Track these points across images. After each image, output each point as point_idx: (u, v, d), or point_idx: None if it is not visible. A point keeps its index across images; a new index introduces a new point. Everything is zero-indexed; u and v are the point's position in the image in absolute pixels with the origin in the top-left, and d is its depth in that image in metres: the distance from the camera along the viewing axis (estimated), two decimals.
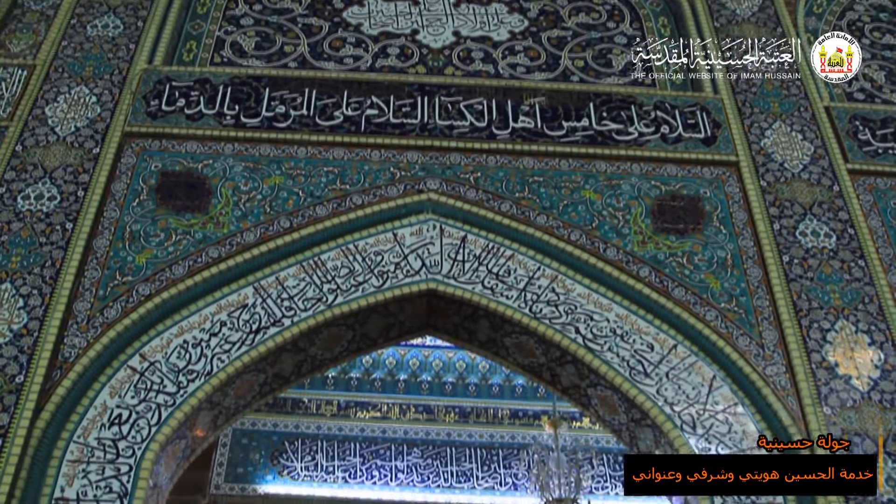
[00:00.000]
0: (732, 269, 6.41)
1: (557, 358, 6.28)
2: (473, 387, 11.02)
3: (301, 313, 6.11)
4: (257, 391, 6.33)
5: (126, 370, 5.77)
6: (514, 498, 10.10)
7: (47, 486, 5.31)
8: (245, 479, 10.00)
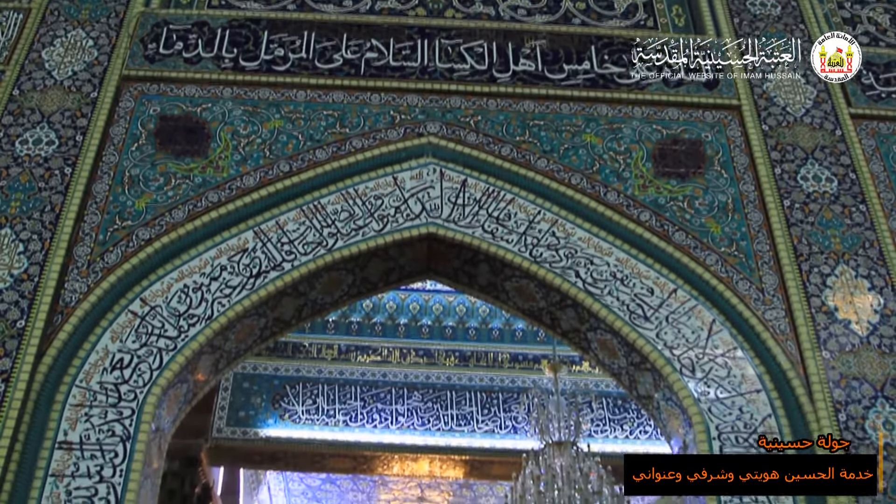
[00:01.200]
0: (733, 214, 6.40)
1: (557, 302, 6.29)
2: (473, 331, 11.05)
3: (301, 257, 6.11)
4: (258, 335, 6.35)
5: (127, 315, 5.78)
6: (514, 441, 10.18)
7: (50, 429, 5.35)
8: (247, 423, 10.06)
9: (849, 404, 5.62)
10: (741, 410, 5.65)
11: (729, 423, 5.60)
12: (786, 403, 5.68)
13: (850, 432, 5.51)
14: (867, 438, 5.50)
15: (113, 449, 5.32)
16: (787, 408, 5.67)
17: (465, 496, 15.45)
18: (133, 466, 5.28)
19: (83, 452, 5.29)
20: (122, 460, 5.28)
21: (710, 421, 5.61)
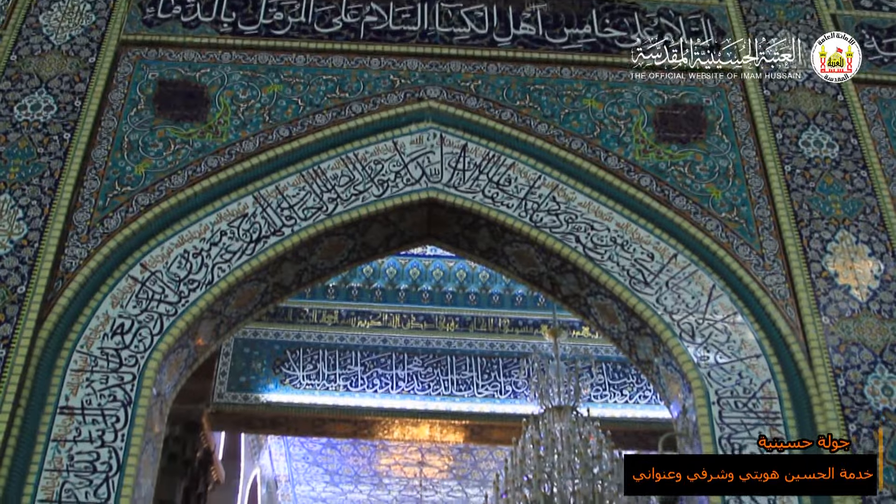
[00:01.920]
0: (734, 179, 6.39)
1: (558, 267, 6.29)
2: (474, 296, 11.06)
3: (301, 222, 6.10)
4: (258, 300, 6.36)
5: (127, 280, 5.79)
6: (514, 405, 10.21)
7: (52, 395, 5.37)
8: (247, 388, 10.09)
9: (848, 370, 5.63)
10: (740, 375, 5.67)
11: (728, 387, 5.62)
12: (785, 369, 5.70)
13: (849, 397, 5.52)
14: (866, 404, 5.52)
15: (114, 414, 5.34)
16: (786, 373, 5.69)
17: (465, 460, 15.53)
18: (134, 431, 5.30)
19: (85, 417, 5.31)
20: (123, 425, 5.30)
21: (710, 386, 5.63)
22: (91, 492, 5.08)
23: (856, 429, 5.43)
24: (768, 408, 5.57)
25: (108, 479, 5.13)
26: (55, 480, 5.10)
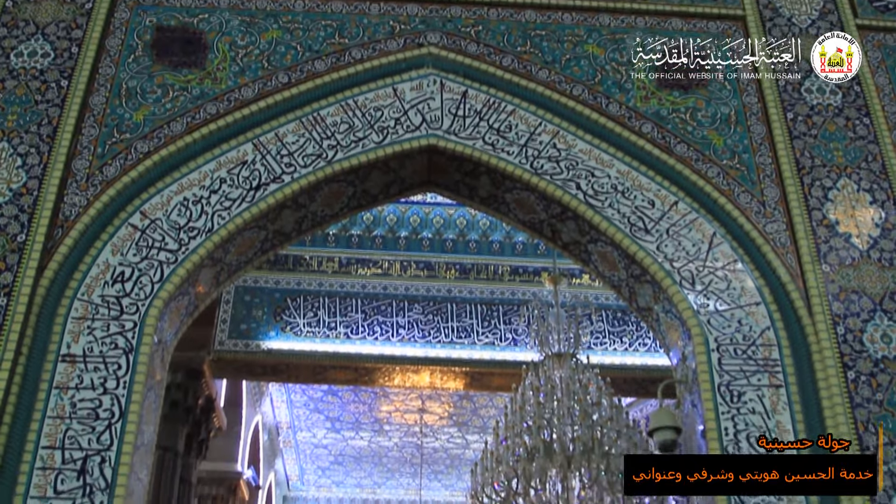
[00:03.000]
0: (735, 126, 6.36)
1: (558, 214, 6.28)
2: (474, 243, 11.06)
3: (301, 170, 6.09)
4: (258, 248, 6.35)
5: (127, 228, 5.78)
6: (514, 353, 10.25)
7: (53, 342, 5.38)
8: (248, 336, 10.12)
9: (847, 317, 5.64)
10: (740, 323, 5.68)
11: (728, 335, 5.64)
12: (784, 316, 5.71)
13: (848, 345, 5.54)
14: (865, 351, 5.54)
15: (116, 361, 5.36)
16: (785, 320, 5.70)
17: (465, 407, 15.64)
18: (136, 378, 5.33)
19: (86, 365, 5.33)
20: (125, 372, 5.33)
21: (709, 333, 5.65)
22: (94, 438, 5.12)
23: (854, 376, 5.46)
24: (767, 355, 5.60)
25: (110, 426, 5.17)
26: (58, 427, 5.14)
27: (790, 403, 5.45)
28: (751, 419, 5.38)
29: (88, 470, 5.04)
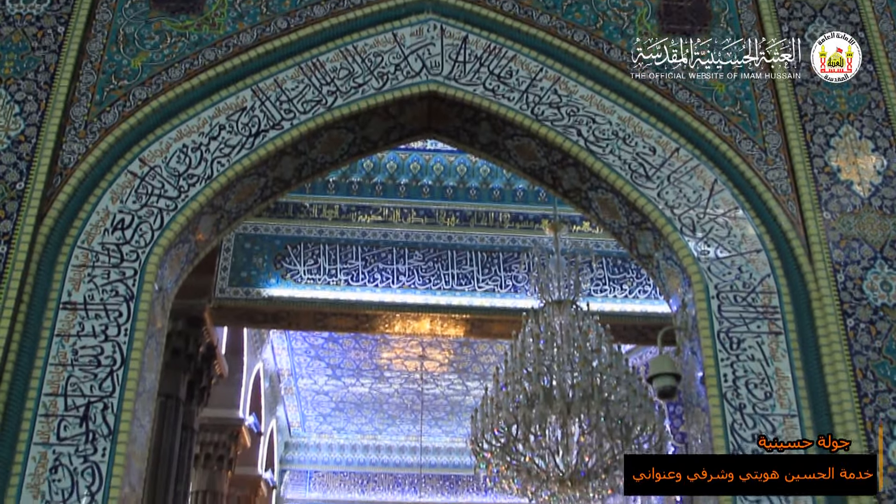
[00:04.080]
0: (738, 73, 6.30)
1: (559, 161, 6.26)
2: (474, 190, 11.04)
3: (300, 116, 6.05)
4: (258, 195, 6.34)
5: (126, 175, 5.77)
6: (514, 300, 10.27)
7: (54, 290, 5.39)
8: (249, 283, 10.13)
9: (847, 265, 5.65)
10: (740, 270, 5.68)
11: (728, 282, 5.64)
12: (785, 264, 5.71)
13: (848, 293, 5.55)
14: (864, 299, 5.55)
15: (117, 309, 5.37)
16: (785, 268, 5.71)
17: (465, 354, 15.71)
18: (137, 326, 5.34)
19: (87, 312, 5.34)
20: (126, 319, 5.34)
21: (709, 280, 5.65)
22: (96, 385, 5.15)
23: (853, 324, 5.47)
24: (767, 302, 5.61)
25: (112, 373, 5.19)
26: (60, 375, 5.16)
27: (789, 350, 5.47)
28: (750, 366, 5.41)
29: (91, 416, 5.07)
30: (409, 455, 19.70)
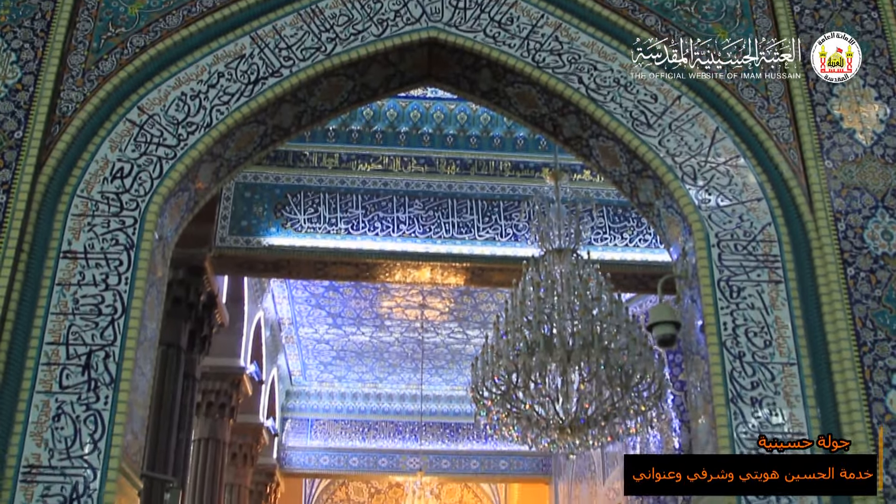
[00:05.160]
0: (741, 20, 6.25)
1: (560, 108, 6.22)
2: (475, 139, 10.98)
3: (299, 63, 6.01)
4: (258, 143, 6.32)
5: (125, 123, 5.74)
6: (515, 248, 10.26)
7: (54, 239, 5.39)
8: (249, 232, 10.11)
9: (849, 214, 5.64)
10: (741, 218, 5.68)
11: (729, 230, 5.64)
12: (786, 212, 5.70)
13: (849, 241, 5.55)
14: (865, 248, 5.54)
15: (117, 257, 5.37)
16: (786, 216, 5.70)
17: (465, 303, 15.74)
18: (138, 274, 5.35)
19: (88, 261, 5.35)
20: (126, 268, 5.35)
21: (710, 228, 5.65)
22: (97, 334, 5.16)
23: (854, 273, 5.48)
24: (768, 251, 5.61)
25: (113, 322, 5.21)
26: (62, 323, 5.18)
27: (789, 299, 5.48)
28: (750, 314, 5.42)
29: (93, 365, 5.10)
30: (410, 403, 19.82)
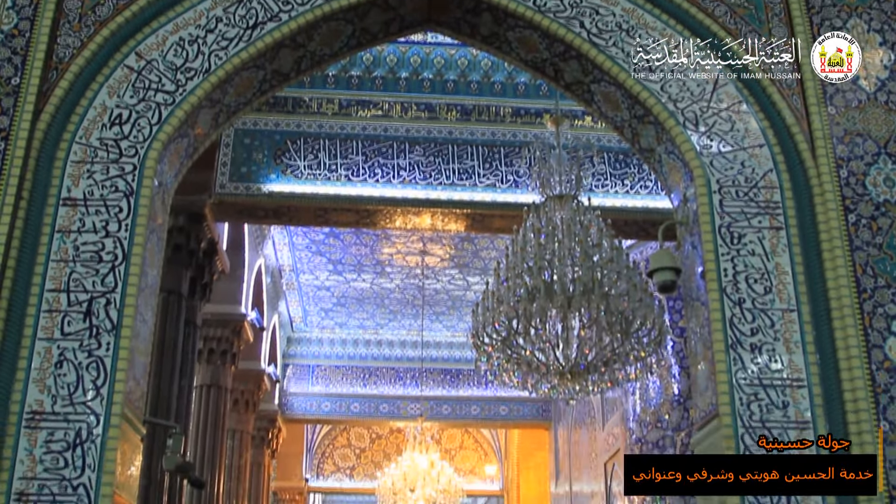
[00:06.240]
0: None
1: (561, 53, 6.17)
2: (475, 84, 10.90)
3: (298, 7, 5.96)
4: (257, 88, 6.27)
5: (123, 69, 5.70)
6: (515, 194, 10.23)
7: (54, 186, 5.38)
8: (249, 179, 10.08)
9: (851, 160, 5.62)
10: (743, 165, 5.66)
11: (730, 177, 5.62)
12: (788, 159, 5.69)
13: (850, 188, 5.53)
14: (867, 195, 5.53)
15: (117, 204, 5.37)
16: (788, 163, 5.68)
17: (466, 249, 15.73)
18: (138, 221, 5.35)
19: (88, 208, 5.34)
20: (126, 215, 5.34)
21: (712, 174, 5.63)
22: (98, 281, 5.17)
23: (855, 219, 5.47)
24: (769, 197, 5.59)
25: (114, 269, 5.21)
26: (62, 270, 5.18)
27: (790, 246, 5.48)
28: (750, 261, 5.42)
29: (94, 312, 5.11)
30: (411, 349, 19.89)
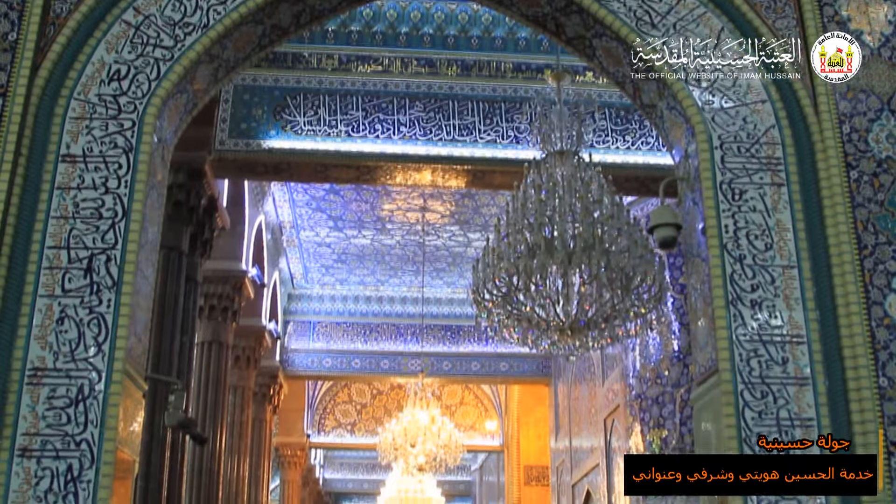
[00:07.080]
0: None
1: (562, 7, 6.12)
2: (476, 39, 10.82)
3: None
4: (256, 43, 6.23)
5: (121, 25, 5.66)
6: (516, 150, 10.19)
7: (53, 143, 5.37)
8: (249, 135, 10.04)
9: (853, 116, 5.59)
10: (745, 121, 5.63)
11: (732, 132, 5.60)
12: (790, 115, 5.66)
13: (853, 144, 5.52)
14: (869, 151, 5.52)
15: (117, 161, 5.35)
16: (791, 119, 5.66)
17: (466, 205, 15.71)
18: (138, 177, 5.34)
19: (87, 165, 5.33)
20: (126, 171, 5.33)
21: (713, 130, 5.61)
22: (98, 238, 5.17)
23: (857, 176, 5.46)
24: (771, 153, 5.58)
25: (114, 225, 5.21)
26: (62, 227, 5.18)
27: (791, 202, 5.48)
28: (751, 217, 5.42)
29: (95, 268, 5.11)
30: (411, 306, 19.94)
